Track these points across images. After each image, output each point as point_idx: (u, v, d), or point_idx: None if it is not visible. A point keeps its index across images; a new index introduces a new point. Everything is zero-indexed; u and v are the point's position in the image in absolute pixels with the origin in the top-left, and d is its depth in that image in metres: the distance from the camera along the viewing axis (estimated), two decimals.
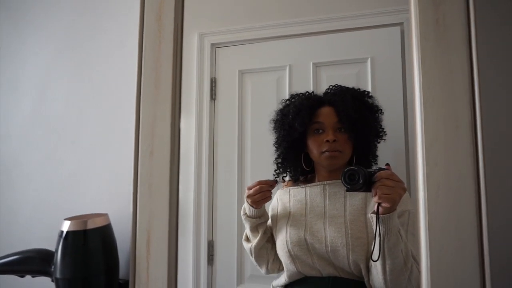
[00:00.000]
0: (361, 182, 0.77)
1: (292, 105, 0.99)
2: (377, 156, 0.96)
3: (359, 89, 0.99)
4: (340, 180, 0.90)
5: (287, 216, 0.96)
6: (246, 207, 0.97)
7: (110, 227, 0.88)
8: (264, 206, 0.97)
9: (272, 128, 1.04)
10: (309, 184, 0.97)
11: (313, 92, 1.02)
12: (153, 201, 0.75)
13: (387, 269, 0.77)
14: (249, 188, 0.95)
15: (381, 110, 0.96)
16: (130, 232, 0.77)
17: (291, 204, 0.97)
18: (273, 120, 1.04)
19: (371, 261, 0.80)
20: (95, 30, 1.23)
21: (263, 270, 1.00)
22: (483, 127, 0.62)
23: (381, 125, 0.96)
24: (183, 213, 1.06)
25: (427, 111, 0.64)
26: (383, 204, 0.76)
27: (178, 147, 0.78)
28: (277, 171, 1.03)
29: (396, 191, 0.76)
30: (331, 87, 1.00)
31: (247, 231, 1.00)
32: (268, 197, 0.94)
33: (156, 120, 0.78)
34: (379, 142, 0.96)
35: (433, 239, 0.59)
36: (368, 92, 0.97)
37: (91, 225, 0.83)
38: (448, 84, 0.63)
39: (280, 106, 1.05)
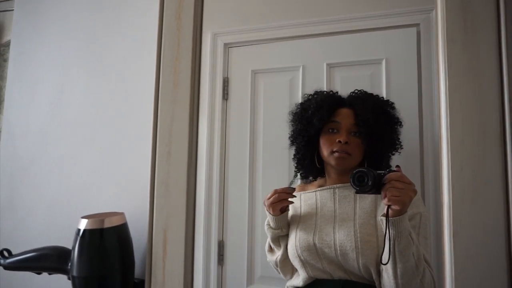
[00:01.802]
0: (370, 184, 0.76)
1: (314, 101, 0.98)
2: (390, 166, 0.95)
3: (382, 97, 0.97)
4: (349, 184, 0.89)
5: (297, 221, 0.95)
6: (269, 218, 0.95)
7: (126, 226, 0.88)
8: (287, 218, 0.96)
9: (289, 120, 1.03)
10: (320, 188, 0.97)
11: (337, 92, 1.02)
12: (170, 201, 0.75)
13: (398, 272, 0.76)
14: (268, 198, 0.94)
15: (401, 122, 0.94)
16: (146, 231, 0.77)
17: (302, 209, 0.97)
18: (292, 112, 1.03)
19: (382, 264, 0.79)
20: (113, 29, 1.23)
21: (287, 277, 0.99)
22: None
23: (399, 138, 0.94)
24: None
25: (453, 115, 0.63)
26: (392, 207, 0.75)
27: (196, 147, 0.78)
28: (297, 167, 1.03)
29: (406, 193, 0.74)
30: (356, 91, 0.99)
31: (270, 242, 0.98)
32: (286, 203, 0.93)
33: (174, 120, 0.77)
34: (393, 154, 0.95)
35: (458, 247, 0.58)
36: (392, 103, 0.96)
37: (107, 223, 0.83)
38: (476, 89, 0.62)
39: (301, 100, 1.04)
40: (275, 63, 1.23)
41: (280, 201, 0.91)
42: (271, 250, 1.01)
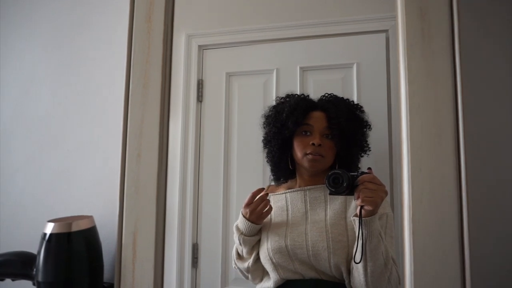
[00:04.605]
0: (345, 185, 0.79)
1: (288, 104, 1.00)
2: (359, 168, 0.98)
3: (352, 101, 1.01)
4: (320, 186, 0.92)
5: (269, 224, 0.96)
6: (244, 225, 0.95)
7: (95, 229, 0.86)
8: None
9: (262, 123, 1.05)
10: (290, 190, 0.98)
11: (308, 95, 1.04)
12: (140, 204, 0.74)
13: (369, 271, 0.79)
14: (248, 204, 0.94)
15: (370, 125, 0.98)
16: (116, 234, 0.76)
17: (272, 211, 0.98)
18: (266, 115, 1.05)
19: (353, 263, 0.81)
20: (82, 28, 1.20)
21: (256, 282, 1.00)
22: (465, 135, 0.65)
23: (367, 141, 0.98)
24: (167, 215, 1.05)
25: (412, 118, 0.66)
26: (365, 207, 0.78)
27: (167, 149, 0.78)
28: (271, 169, 1.05)
29: (378, 194, 0.78)
30: (326, 94, 1.02)
31: (244, 251, 0.98)
32: (270, 209, 0.94)
33: (144, 122, 0.77)
34: (362, 156, 0.98)
35: (417, 244, 0.61)
36: (361, 106, 0.99)
37: (75, 227, 0.81)
38: (432, 92, 0.66)
39: (274, 103, 1.05)
40: (249, 66, 1.24)
41: (264, 204, 0.92)
42: (240, 257, 1.01)
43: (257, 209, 0.92)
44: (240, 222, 0.97)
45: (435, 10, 0.67)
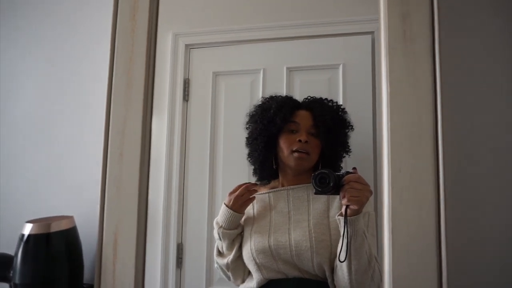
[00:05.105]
0: (331, 185, 0.80)
1: (275, 101, 1.02)
2: (341, 168, 1.00)
3: (336, 102, 1.02)
4: (303, 185, 0.93)
5: (251, 223, 0.97)
6: (224, 219, 0.95)
7: (75, 230, 0.85)
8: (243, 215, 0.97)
9: (247, 122, 1.05)
10: (273, 190, 0.99)
11: (292, 96, 1.05)
12: (122, 204, 0.73)
13: (353, 269, 0.80)
14: (233, 191, 0.95)
15: (352, 126, 1.00)
16: (97, 235, 0.75)
17: (255, 210, 0.99)
18: (251, 114, 1.05)
19: (337, 262, 0.82)
20: (66, 27, 1.18)
21: (238, 282, 0.99)
22: (444, 136, 0.66)
23: (348, 142, 0.99)
24: (152, 214, 1.04)
25: (393, 119, 0.67)
26: (351, 206, 0.79)
27: (149, 149, 0.77)
28: (254, 168, 1.05)
29: (364, 193, 0.79)
30: (308, 97, 1.03)
31: (224, 246, 0.98)
32: (253, 197, 0.95)
33: (127, 121, 0.76)
34: (344, 157, 1.00)
35: (396, 241, 0.62)
36: (344, 108, 1.01)
37: (55, 228, 0.80)
38: (413, 94, 0.67)
39: (259, 102, 1.06)
40: (236, 65, 1.24)
41: (249, 193, 0.93)
42: (220, 253, 1.01)
43: (242, 196, 0.93)
44: (220, 214, 0.97)
45: (417, 14, 0.68)
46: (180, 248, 1.15)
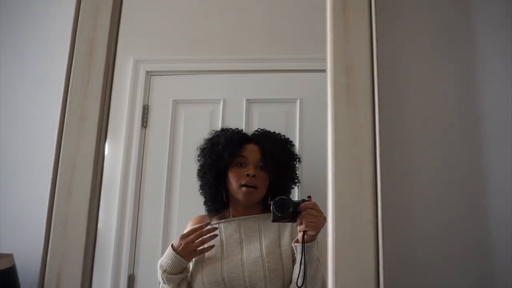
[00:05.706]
0: (290, 211, 0.83)
1: (223, 136, 1.04)
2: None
3: (284, 136, 1.06)
4: (253, 216, 0.95)
5: (202, 256, 0.96)
6: (169, 261, 0.92)
7: (14, 269, 0.79)
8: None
9: (198, 155, 1.06)
10: (223, 220, 1.00)
11: (242, 130, 1.07)
12: (67, 243, 0.71)
13: None
14: (186, 235, 0.93)
15: (300, 159, 1.04)
16: (38, 275, 0.71)
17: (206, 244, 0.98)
18: (201, 148, 1.06)
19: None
20: (19, 54, 1.11)
21: None
22: (382, 183, 0.72)
23: (297, 173, 1.03)
24: (102, 245, 1.01)
25: (337, 166, 0.72)
26: (308, 232, 0.82)
27: (100, 186, 0.75)
28: (205, 200, 1.05)
29: (320, 220, 0.83)
30: (259, 129, 1.06)
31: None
32: (206, 249, 0.93)
33: (77, 156, 0.74)
34: (293, 188, 1.03)
35: (339, 280, 0.66)
36: (291, 141, 1.05)
37: None
38: (356, 142, 0.72)
39: (209, 136, 1.07)
40: (197, 94, 1.25)
41: (201, 246, 0.92)
42: None
43: (193, 244, 0.91)
44: (164, 257, 0.94)
45: (359, 68, 0.74)
46: (131, 280, 1.11)
